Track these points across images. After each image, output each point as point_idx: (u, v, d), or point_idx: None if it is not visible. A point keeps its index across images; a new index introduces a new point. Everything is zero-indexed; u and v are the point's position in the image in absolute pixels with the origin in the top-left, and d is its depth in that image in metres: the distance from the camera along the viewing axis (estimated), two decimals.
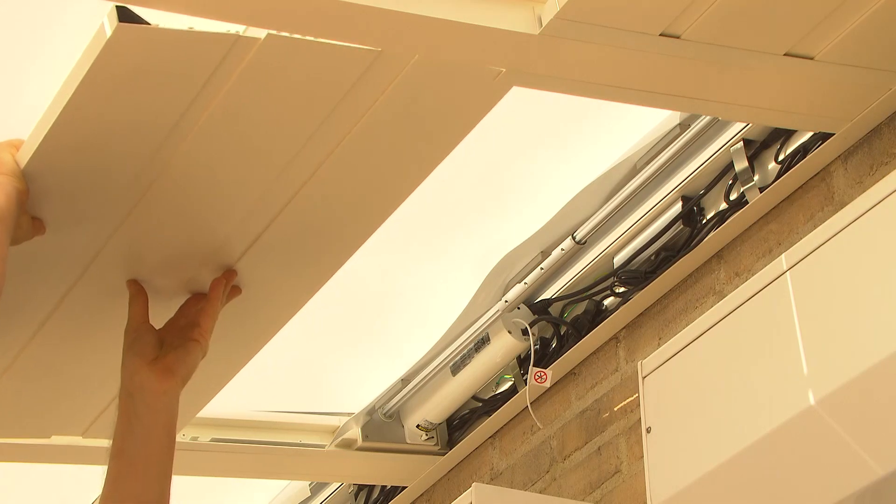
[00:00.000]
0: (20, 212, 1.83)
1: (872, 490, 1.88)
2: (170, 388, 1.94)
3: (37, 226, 1.90)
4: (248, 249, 2.07)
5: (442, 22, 1.76)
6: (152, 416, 1.92)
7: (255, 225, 2.03)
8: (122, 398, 1.95)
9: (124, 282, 2.06)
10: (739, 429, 1.98)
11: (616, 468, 2.58)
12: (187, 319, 2.03)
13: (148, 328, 2.00)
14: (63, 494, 3.23)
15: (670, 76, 1.95)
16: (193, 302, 2.07)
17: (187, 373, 1.98)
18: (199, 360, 2.00)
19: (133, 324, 2.01)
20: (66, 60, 1.80)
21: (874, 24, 1.93)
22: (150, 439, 1.91)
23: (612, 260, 2.63)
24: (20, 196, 1.81)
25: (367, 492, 3.25)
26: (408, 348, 2.99)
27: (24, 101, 2.10)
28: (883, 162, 2.17)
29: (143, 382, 1.94)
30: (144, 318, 2.01)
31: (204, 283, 2.08)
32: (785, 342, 1.94)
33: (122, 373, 1.96)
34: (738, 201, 2.40)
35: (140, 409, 1.93)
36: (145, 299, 2.03)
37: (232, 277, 2.08)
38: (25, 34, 2.18)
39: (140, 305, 2.02)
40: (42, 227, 1.91)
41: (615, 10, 1.80)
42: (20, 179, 1.82)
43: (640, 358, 2.37)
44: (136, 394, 1.94)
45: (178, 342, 1.99)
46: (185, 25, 1.71)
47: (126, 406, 1.94)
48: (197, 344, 1.99)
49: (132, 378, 1.95)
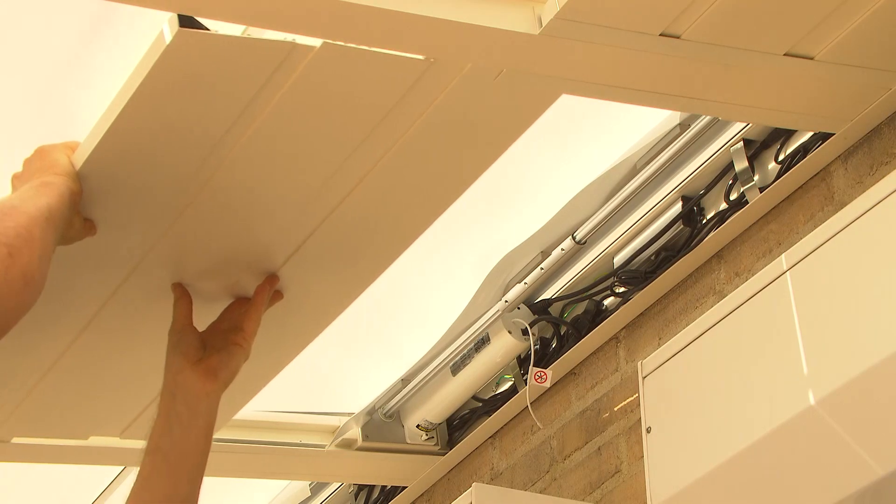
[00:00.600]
0: (73, 212, 1.85)
1: (872, 490, 1.88)
2: (212, 390, 1.96)
3: (88, 227, 1.92)
4: (291, 256, 2.09)
5: (442, 22, 1.76)
6: (192, 417, 1.94)
7: (300, 231, 2.05)
8: (163, 397, 1.97)
9: (169, 285, 2.08)
10: (739, 429, 1.98)
11: (616, 468, 2.58)
12: (230, 323, 2.05)
13: (192, 330, 2.02)
14: (63, 494, 3.23)
15: (670, 76, 1.95)
16: (237, 306, 2.08)
17: (229, 376, 1.99)
18: (241, 363, 2.01)
19: (177, 325, 2.02)
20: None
21: (874, 24, 1.93)
22: (186, 439, 1.93)
23: (612, 260, 2.63)
24: (73, 197, 1.83)
25: (367, 492, 3.25)
26: (408, 348, 2.99)
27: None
28: (883, 162, 2.17)
29: (185, 382, 1.96)
30: (189, 319, 2.03)
31: (246, 287, 2.10)
32: (785, 342, 1.94)
33: (166, 373, 1.98)
34: (738, 201, 2.39)
35: (180, 408, 1.94)
36: (189, 302, 2.05)
37: (275, 283, 2.09)
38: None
39: (184, 307, 2.04)
40: (93, 227, 1.93)
41: (615, 10, 1.80)
42: (74, 180, 1.84)
43: (640, 358, 2.37)
44: (177, 393, 1.96)
45: (222, 345, 2.00)
46: (242, 32, 1.74)
47: (167, 405, 1.95)
48: (240, 348, 2.01)
49: (175, 378, 1.97)
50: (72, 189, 1.82)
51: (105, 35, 2.20)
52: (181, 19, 1.70)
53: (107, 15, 2.18)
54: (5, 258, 1.52)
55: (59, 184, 1.80)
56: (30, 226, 1.62)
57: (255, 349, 2.06)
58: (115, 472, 3.00)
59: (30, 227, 1.62)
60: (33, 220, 1.64)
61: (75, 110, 2.19)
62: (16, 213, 1.63)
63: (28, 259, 1.57)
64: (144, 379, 2.26)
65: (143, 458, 1.93)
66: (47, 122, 2.33)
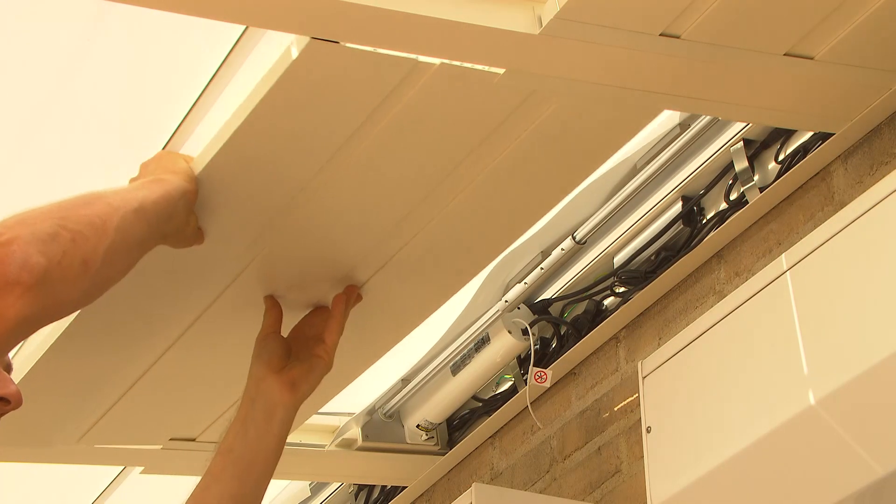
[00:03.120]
0: (187, 212, 1.87)
1: (872, 490, 1.88)
2: (290, 401, 2.00)
3: (198, 234, 1.94)
4: (381, 268, 2.13)
5: (442, 22, 1.76)
6: (268, 423, 1.97)
7: (394, 244, 2.10)
8: (244, 401, 2.00)
9: (261, 297, 2.12)
10: (739, 429, 1.98)
11: (616, 468, 2.58)
12: (314, 331, 2.08)
13: (277, 337, 2.06)
14: (63, 494, 3.23)
15: (670, 76, 1.95)
16: (319, 312, 2.12)
17: (310, 388, 2.03)
18: (322, 376, 2.05)
19: (263, 333, 2.06)
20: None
21: (874, 24, 1.93)
22: (260, 444, 1.96)
23: (612, 260, 2.63)
24: (187, 195, 1.85)
25: (367, 492, 3.25)
26: (408, 348, 2.99)
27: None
28: (883, 162, 2.17)
29: (266, 390, 2.00)
30: (276, 329, 2.07)
31: None
32: (785, 342, 1.94)
33: (249, 379, 2.02)
34: (738, 201, 2.39)
35: (258, 414, 1.98)
36: (280, 313, 2.09)
37: (353, 293, 2.12)
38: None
39: (274, 318, 2.08)
40: (202, 236, 1.95)
41: (615, 10, 1.80)
42: (189, 180, 1.86)
43: (640, 358, 2.37)
44: (258, 400, 1.99)
45: (305, 356, 2.04)
46: (369, 47, 1.77)
47: (246, 409, 1.99)
48: (322, 360, 2.04)
49: (258, 385, 2.01)
50: (185, 188, 1.84)
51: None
52: None
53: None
54: (67, 243, 1.52)
55: (170, 181, 1.82)
56: (106, 215, 1.62)
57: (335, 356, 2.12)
58: (116, 471, 2.99)
59: (106, 217, 1.61)
60: (113, 210, 1.64)
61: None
62: (97, 201, 1.63)
63: (93, 247, 1.56)
64: (227, 388, 2.32)
65: (214, 457, 1.96)
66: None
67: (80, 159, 2.49)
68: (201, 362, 2.28)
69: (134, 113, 2.38)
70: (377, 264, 2.13)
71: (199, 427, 2.50)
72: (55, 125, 2.41)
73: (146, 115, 2.37)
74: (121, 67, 2.30)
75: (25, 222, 1.49)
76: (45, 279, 1.46)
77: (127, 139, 2.43)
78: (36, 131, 2.42)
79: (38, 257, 1.46)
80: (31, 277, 1.45)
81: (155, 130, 2.36)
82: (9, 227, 1.48)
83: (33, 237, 1.48)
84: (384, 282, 2.17)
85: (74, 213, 1.57)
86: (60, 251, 1.51)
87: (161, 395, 2.35)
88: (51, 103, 2.37)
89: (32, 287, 1.45)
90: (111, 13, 2.10)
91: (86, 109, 2.38)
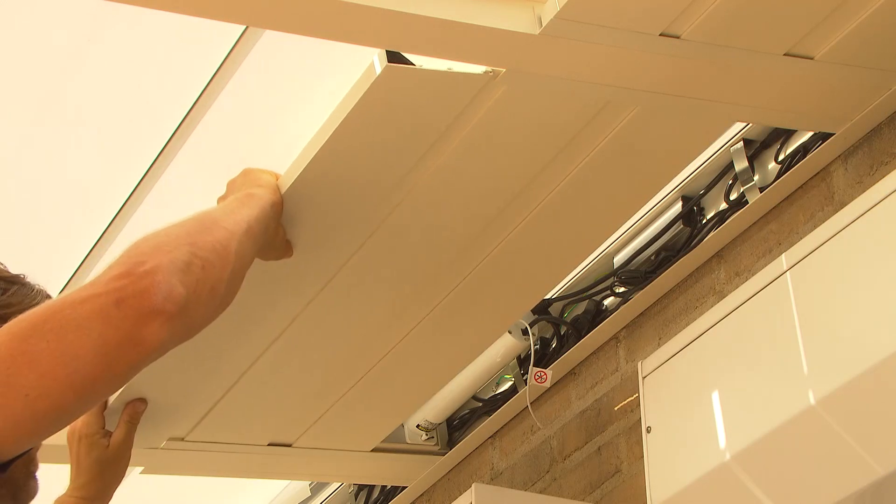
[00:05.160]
0: (276, 223, 1.93)
1: (872, 490, 1.88)
2: None
3: (287, 248, 2.01)
4: (461, 283, 2.23)
5: (441, 22, 1.76)
6: None
7: (474, 258, 2.19)
8: None
9: (344, 308, 2.21)
10: (739, 429, 1.98)
11: (616, 468, 2.58)
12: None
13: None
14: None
15: (670, 76, 1.95)
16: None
17: None
18: None
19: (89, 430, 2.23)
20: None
21: (874, 24, 1.93)
22: None
23: (612, 260, 2.63)
24: (275, 207, 1.90)
25: (367, 492, 3.25)
26: None
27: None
28: (883, 162, 2.17)
29: None
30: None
31: (414, 309, 2.29)
32: (785, 342, 1.94)
33: None
34: (738, 201, 2.39)
35: None
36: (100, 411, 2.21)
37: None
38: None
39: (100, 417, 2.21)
40: (291, 250, 2.01)
41: (615, 10, 1.80)
42: (276, 193, 1.91)
43: (640, 358, 2.37)
44: None
45: None
46: (444, 67, 1.83)
47: None
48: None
49: None
50: (273, 200, 1.88)
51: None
52: (389, 55, 1.79)
53: None
54: (198, 271, 1.53)
55: (261, 195, 1.86)
56: (227, 241, 1.63)
57: (418, 364, 2.33)
58: None
59: (226, 243, 1.63)
60: (231, 235, 1.66)
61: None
62: (216, 227, 1.64)
63: (219, 275, 1.58)
64: (321, 391, 2.42)
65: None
66: None
67: (80, 159, 2.49)
68: (294, 367, 2.37)
69: (134, 113, 2.38)
70: (458, 278, 2.21)
71: (296, 432, 2.59)
72: (55, 125, 2.41)
73: (146, 115, 2.37)
74: (121, 67, 2.30)
75: (162, 249, 1.49)
76: (185, 308, 1.47)
77: (127, 139, 2.43)
78: (36, 131, 2.43)
79: (180, 288, 1.47)
80: (174, 307, 1.45)
81: (155, 130, 2.36)
82: (148, 255, 1.48)
83: (173, 266, 1.48)
84: (465, 295, 2.25)
85: (201, 239, 1.58)
86: (195, 280, 1.52)
87: (257, 399, 2.43)
88: (51, 103, 2.37)
89: (175, 316, 1.45)
90: (111, 13, 2.11)
91: (86, 109, 2.39)
